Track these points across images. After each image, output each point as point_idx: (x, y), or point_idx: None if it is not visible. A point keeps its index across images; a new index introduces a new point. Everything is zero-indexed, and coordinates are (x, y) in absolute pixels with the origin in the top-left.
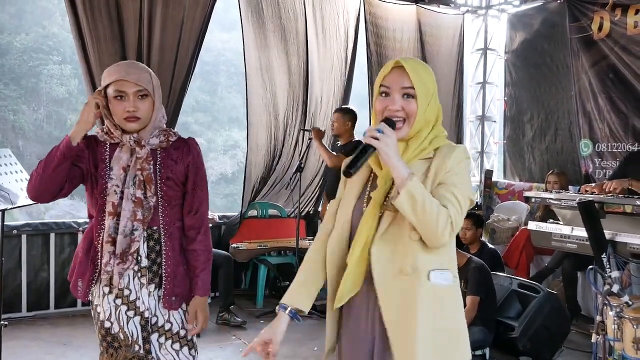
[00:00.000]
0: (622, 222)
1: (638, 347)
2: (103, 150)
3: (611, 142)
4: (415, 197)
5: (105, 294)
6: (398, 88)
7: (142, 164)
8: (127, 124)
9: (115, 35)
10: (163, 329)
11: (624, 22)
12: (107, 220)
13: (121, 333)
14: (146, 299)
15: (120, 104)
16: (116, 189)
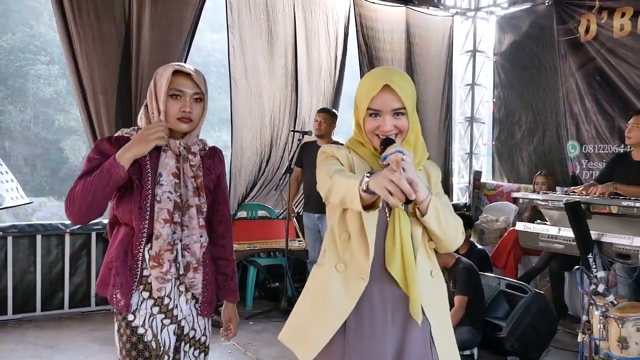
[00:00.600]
0: (608, 223)
1: (623, 346)
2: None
3: (598, 144)
4: (438, 211)
5: (145, 299)
6: (389, 110)
7: (197, 172)
8: (179, 124)
9: (103, 35)
10: (188, 337)
11: (610, 25)
12: (164, 228)
13: (154, 342)
14: (184, 307)
15: (176, 103)
16: (170, 196)
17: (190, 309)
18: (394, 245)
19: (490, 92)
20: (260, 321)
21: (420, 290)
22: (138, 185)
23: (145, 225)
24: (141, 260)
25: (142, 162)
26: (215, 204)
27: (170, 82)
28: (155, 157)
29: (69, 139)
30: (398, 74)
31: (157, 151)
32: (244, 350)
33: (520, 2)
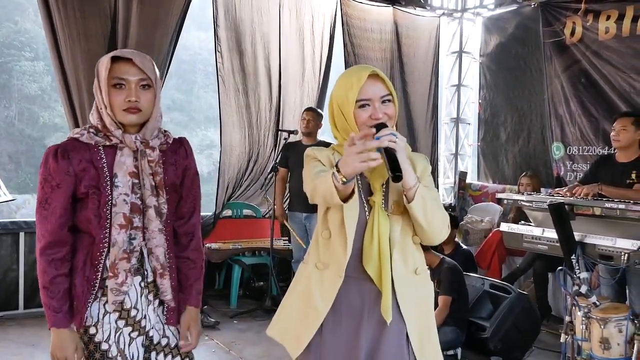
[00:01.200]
0: (591, 224)
1: (605, 347)
2: (97, 157)
3: (582, 146)
4: (425, 199)
5: (108, 312)
6: (378, 98)
7: (155, 168)
8: (126, 116)
9: (89, 32)
10: (160, 346)
11: (595, 28)
12: (119, 234)
13: (120, 356)
14: (152, 317)
15: (119, 93)
16: (125, 198)
17: (159, 317)
18: (371, 243)
19: (476, 93)
20: (245, 320)
21: (399, 288)
22: (95, 192)
23: (106, 234)
24: (101, 271)
25: (99, 166)
26: (180, 200)
27: (111, 71)
28: (111, 156)
29: (54, 136)
30: (375, 67)
31: (112, 149)
32: (228, 349)
33: (507, 4)
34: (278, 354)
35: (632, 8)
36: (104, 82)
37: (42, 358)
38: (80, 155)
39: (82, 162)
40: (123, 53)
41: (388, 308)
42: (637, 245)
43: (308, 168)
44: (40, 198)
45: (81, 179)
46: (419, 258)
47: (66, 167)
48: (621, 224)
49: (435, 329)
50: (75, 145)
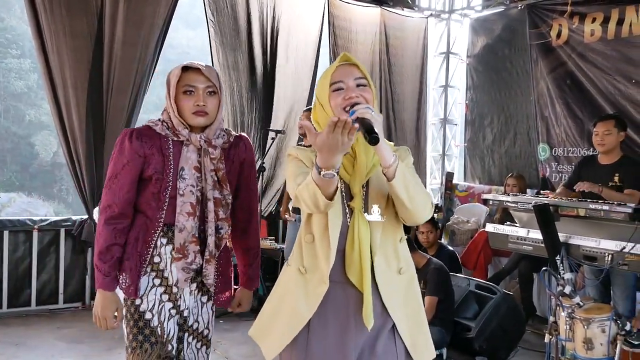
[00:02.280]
0: (575, 225)
1: (588, 347)
2: (166, 146)
3: (567, 147)
4: (406, 176)
5: (155, 286)
6: (351, 79)
7: (217, 165)
8: (195, 119)
9: (74, 29)
10: (192, 329)
11: (581, 30)
12: (188, 221)
13: (159, 328)
14: (187, 298)
15: (189, 99)
16: (192, 190)
17: (196, 301)
18: (352, 250)
19: (463, 94)
20: (231, 320)
21: (384, 291)
22: (159, 177)
23: (162, 215)
24: (153, 247)
25: (166, 154)
26: (237, 191)
27: (181, 79)
28: (178, 149)
29: (40, 134)
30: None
31: (179, 144)
32: (214, 348)
33: (494, 6)
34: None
35: (617, 11)
36: (173, 88)
37: (26, 357)
38: (152, 142)
39: (152, 148)
40: (192, 64)
41: (368, 314)
42: (621, 246)
43: (290, 168)
44: (111, 173)
45: (149, 162)
46: (404, 258)
47: (138, 149)
48: (605, 225)
49: (426, 325)
50: (149, 132)
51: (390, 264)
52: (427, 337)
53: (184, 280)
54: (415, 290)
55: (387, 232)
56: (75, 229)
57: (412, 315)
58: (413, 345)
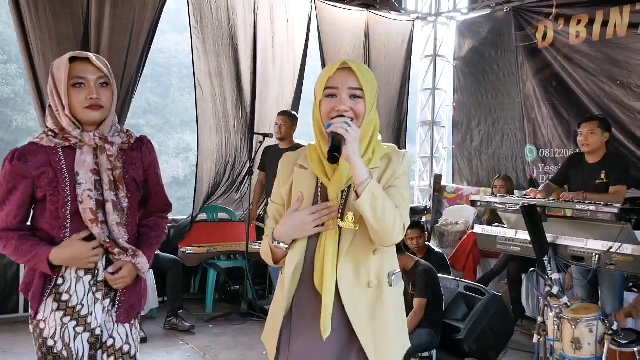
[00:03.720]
0: (563, 226)
1: (576, 347)
2: (56, 159)
3: (554, 148)
4: (376, 197)
5: (54, 310)
6: (345, 88)
7: (114, 163)
8: (89, 113)
9: (61, 35)
10: (106, 346)
11: (566, 32)
12: (93, 228)
13: (65, 350)
14: (100, 315)
15: (80, 92)
16: (90, 194)
17: (111, 317)
18: (319, 255)
19: (450, 96)
20: (220, 324)
21: (347, 302)
22: (54, 194)
23: (65, 234)
24: (58, 270)
25: (57, 167)
26: (147, 197)
27: (70, 71)
28: (71, 157)
29: (27, 140)
30: (360, 63)
31: (72, 150)
32: (203, 353)
33: (480, 8)
34: (253, 359)
35: (602, 13)
36: (64, 83)
37: None
38: (39, 159)
39: (40, 166)
40: (80, 54)
41: (325, 321)
42: (608, 246)
43: (269, 208)
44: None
45: (38, 182)
46: (377, 271)
47: (22, 171)
48: (592, 226)
49: (395, 344)
50: (34, 149)
51: (360, 274)
52: (395, 355)
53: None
54: (386, 305)
55: (359, 242)
56: None
57: (379, 331)
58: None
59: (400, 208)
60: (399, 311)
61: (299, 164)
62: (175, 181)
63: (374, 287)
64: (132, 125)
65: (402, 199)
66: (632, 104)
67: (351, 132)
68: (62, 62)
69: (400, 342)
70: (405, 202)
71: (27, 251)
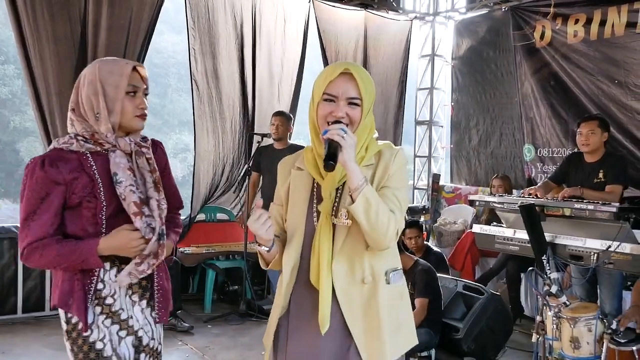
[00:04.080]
0: (561, 225)
1: (575, 346)
2: (88, 164)
3: (552, 147)
4: (370, 203)
5: (96, 315)
6: (344, 97)
7: (153, 165)
8: (139, 122)
9: (58, 35)
10: (148, 347)
11: (564, 31)
12: (136, 221)
13: (115, 356)
14: (140, 317)
15: (133, 100)
16: (132, 189)
17: (147, 318)
18: (314, 252)
19: (448, 96)
20: (219, 324)
21: (342, 299)
22: (91, 200)
23: (102, 229)
24: (96, 276)
25: (90, 172)
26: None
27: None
28: (101, 162)
29: (25, 141)
30: (360, 68)
31: (100, 155)
32: (202, 353)
33: (478, 8)
34: (252, 359)
35: (600, 12)
36: (122, 89)
37: None
38: (70, 164)
39: (72, 171)
40: (141, 65)
41: (323, 316)
42: (606, 245)
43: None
44: (27, 211)
45: (73, 187)
46: (371, 268)
47: (55, 176)
48: (590, 225)
49: (392, 340)
50: (63, 155)
51: (355, 271)
52: (384, 353)
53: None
54: (379, 303)
55: (353, 239)
56: None
57: (371, 328)
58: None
59: (395, 211)
60: (399, 310)
61: (296, 166)
62: None
63: (369, 283)
64: None
65: (397, 200)
66: (630, 103)
67: (347, 139)
68: (120, 67)
69: (397, 342)
70: (401, 204)
71: (72, 250)
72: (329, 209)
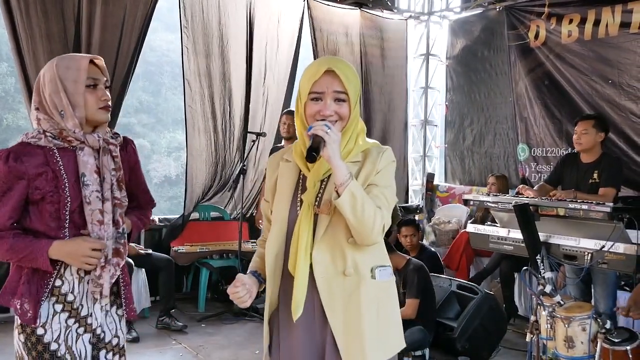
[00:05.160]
0: (555, 225)
1: (569, 346)
2: (54, 160)
3: (546, 147)
4: (355, 197)
5: (57, 312)
6: (330, 92)
7: (118, 164)
8: (103, 114)
9: (51, 33)
10: (111, 345)
11: (558, 31)
12: (101, 230)
13: (68, 354)
14: (99, 315)
15: (94, 93)
16: (98, 195)
17: (112, 316)
18: (293, 242)
19: (443, 95)
20: (213, 324)
21: (322, 289)
22: (53, 195)
23: (64, 234)
24: (56, 272)
25: (56, 168)
26: (133, 196)
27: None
28: (68, 159)
29: (18, 139)
30: (342, 62)
31: (67, 151)
32: (196, 352)
33: (472, 7)
34: (246, 357)
35: (594, 12)
36: (81, 83)
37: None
38: (36, 159)
39: (37, 167)
40: (96, 57)
41: (296, 304)
42: (600, 244)
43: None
44: None
45: (36, 182)
46: (359, 260)
47: (18, 171)
48: (584, 225)
49: (371, 339)
50: (29, 150)
51: (336, 261)
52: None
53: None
54: (361, 298)
55: (334, 230)
56: None
57: (351, 323)
58: (346, 347)
59: (382, 208)
60: (387, 309)
61: (284, 158)
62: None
63: (351, 275)
64: (124, 124)
65: (384, 198)
66: (623, 102)
67: (331, 135)
68: (76, 62)
69: (380, 343)
70: (388, 202)
71: (25, 246)
72: (312, 199)
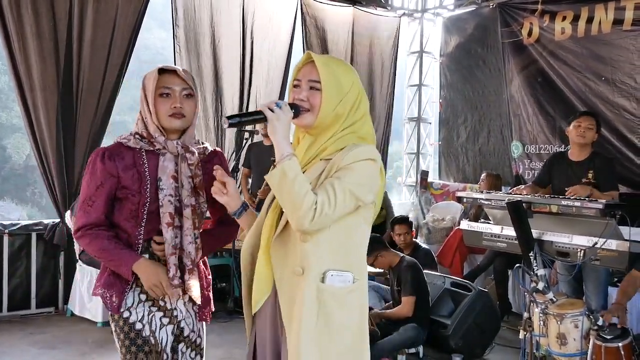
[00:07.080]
0: (548, 222)
1: (562, 342)
2: (141, 161)
3: (539, 144)
4: (286, 175)
5: (142, 301)
6: (306, 80)
7: (195, 171)
8: (172, 121)
9: (42, 32)
10: (189, 340)
11: (551, 28)
12: (167, 232)
13: (152, 337)
14: (183, 309)
15: (165, 101)
16: (170, 199)
17: (189, 311)
18: (264, 230)
19: (436, 92)
20: None
21: (279, 288)
22: (135, 194)
23: (140, 232)
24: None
25: (141, 170)
26: (216, 209)
27: (158, 82)
28: (154, 162)
29: (12, 137)
30: (331, 57)
31: (154, 155)
32: None
33: (466, 5)
34: (240, 357)
35: (587, 9)
36: (151, 92)
37: None
38: (125, 159)
39: (126, 167)
40: (168, 66)
41: (255, 300)
42: (593, 241)
43: None
44: (85, 195)
45: (123, 181)
46: (309, 260)
47: (111, 169)
48: (577, 221)
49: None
50: (121, 150)
51: (287, 258)
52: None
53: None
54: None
55: (288, 227)
56: (47, 233)
57: (294, 322)
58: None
59: (320, 194)
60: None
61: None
62: None
63: (298, 275)
64: (118, 122)
65: (330, 187)
66: (617, 100)
67: (277, 112)
68: (152, 72)
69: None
70: (334, 191)
71: (114, 252)
72: (272, 195)
